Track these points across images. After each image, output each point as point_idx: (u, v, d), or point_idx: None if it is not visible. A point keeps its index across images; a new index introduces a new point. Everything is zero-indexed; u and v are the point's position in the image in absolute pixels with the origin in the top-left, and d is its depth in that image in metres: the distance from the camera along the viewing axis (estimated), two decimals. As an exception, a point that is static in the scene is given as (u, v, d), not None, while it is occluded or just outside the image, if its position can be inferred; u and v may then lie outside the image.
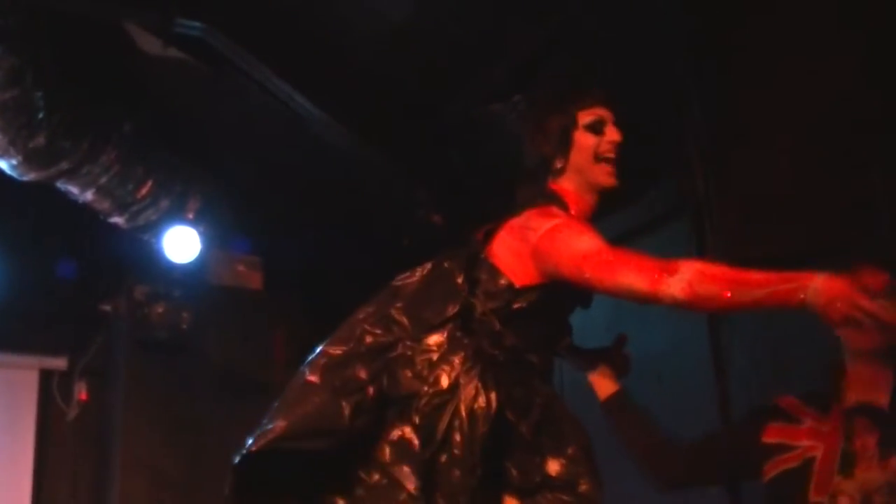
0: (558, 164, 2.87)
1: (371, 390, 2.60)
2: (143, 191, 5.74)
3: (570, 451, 2.70)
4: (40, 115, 4.94)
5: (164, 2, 4.78)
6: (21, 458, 6.43)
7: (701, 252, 4.63)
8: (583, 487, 2.65)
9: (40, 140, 5.04)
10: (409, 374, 2.61)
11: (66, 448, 6.55)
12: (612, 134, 2.87)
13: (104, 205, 5.71)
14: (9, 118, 4.86)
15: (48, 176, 5.30)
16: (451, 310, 2.71)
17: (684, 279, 2.46)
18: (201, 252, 6.31)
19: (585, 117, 2.88)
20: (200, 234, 6.23)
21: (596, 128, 2.87)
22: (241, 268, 6.91)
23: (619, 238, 4.84)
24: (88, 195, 5.57)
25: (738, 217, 3.88)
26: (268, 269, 6.90)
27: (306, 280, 6.76)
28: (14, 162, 5.13)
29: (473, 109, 3.00)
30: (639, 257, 2.60)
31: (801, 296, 2.35)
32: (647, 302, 2.56)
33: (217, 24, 4.81)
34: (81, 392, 6.62)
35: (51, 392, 6.60)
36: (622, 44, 4.21)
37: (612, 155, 2.86)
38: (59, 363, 6.61)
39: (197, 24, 4.80)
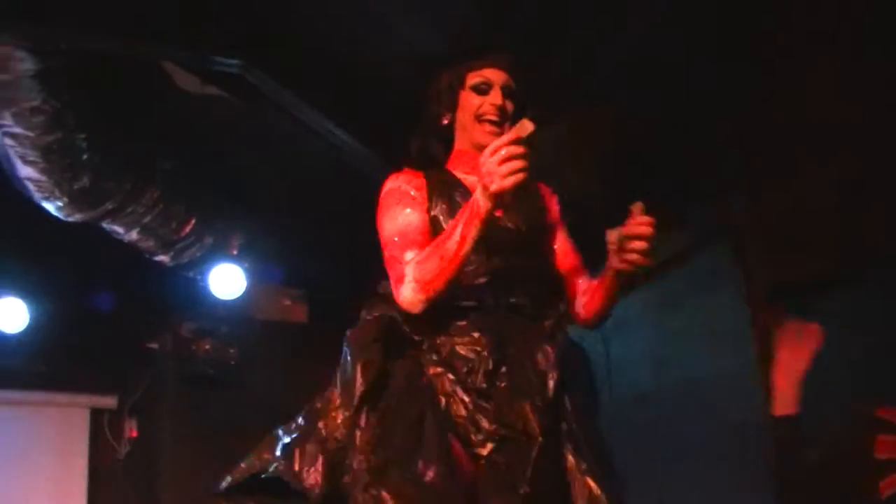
0: (444, 121, 2.99)
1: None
2: (187, 228, 5.78)
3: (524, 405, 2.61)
4: (84, 157, 4.99)
5: (201, 41, 4.82)
6: (74, 495, 6.48)
7: (746, 274, 4.61)
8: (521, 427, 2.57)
9: (84, 181, 5.09)
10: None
11: (117, 484, 6.59)
12: (496, 97, 2.89)
13: (149, 243, 5.75)
14: (53, 161, 4.92)
15: (93, 216, 5.34)
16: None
17: (410, 280, 2.64)
18: (246, 287, 6.34)
19: (473, 78, 2.93)
20: (245, 269, 6.26)
21: (481, 89, 2.91)
22: (286, 301, 6.94)
23: (665, 261, 4.84)
24: (133, 234, 5.62)
25: (777, 241, 3.86)
26: (312, 301, 6.92)
27: (351, 312, 6.75)
28: (60, 204, 5.19)
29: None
30: (393, 263, 2.75)
31: (479, 203, 2.50)
32: None
33: (254, 60, 4.84)
34: (131, 429, 6.67)
35: (101, 430, 6.66)
36: (656, 71, 4.19)
37: (493, 117, 2.88)
38: (109, 401, 6.68)
39: (234, 61, 4.83)
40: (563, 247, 3.05)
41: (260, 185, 6.04)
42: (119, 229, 5.58)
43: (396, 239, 2.80)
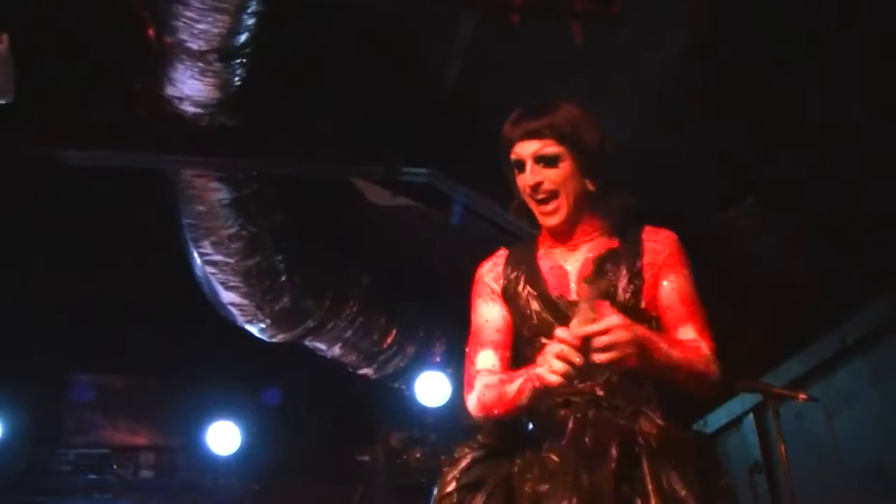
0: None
1: None
2: (388, 340, 5.78)
3: None
4: (283, 278, 5.07)
5: (390, 155, 4.84)
6: None
7: None
8: None
9: (285, 301, 5.17)
10: None
11: None
12: (528, 176, 2.51)
13: (351, 358, 5.77)
14: (254, 284, 5.01)
15: (295, 336, 5.40)
16: None
17: (475, 395, 2.49)
18: (452, 393, 6.27)
19: (511, 156, 2.56)
20: (449, 375, 6.20)
21: (519, 167, 2.54)
22: (493, 404, 6.84)
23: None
24: (336, 350, 5.65)
25: None
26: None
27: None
28: (262, 326, 5.27)
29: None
30: (467, 363, 2.59)
31: (536, 378, 2.30)
32: None
33: (440, 167, 4.82)
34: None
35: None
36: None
37: (538, 196, 2.52)
38: (325, 519, 6.68)
39: (422, 170, 4.83)
40: (666, 301, 2.57)
41: (457, 289, 5.99)
42: (321, 346, 5.62)
43: (473, 337, 2.63)
